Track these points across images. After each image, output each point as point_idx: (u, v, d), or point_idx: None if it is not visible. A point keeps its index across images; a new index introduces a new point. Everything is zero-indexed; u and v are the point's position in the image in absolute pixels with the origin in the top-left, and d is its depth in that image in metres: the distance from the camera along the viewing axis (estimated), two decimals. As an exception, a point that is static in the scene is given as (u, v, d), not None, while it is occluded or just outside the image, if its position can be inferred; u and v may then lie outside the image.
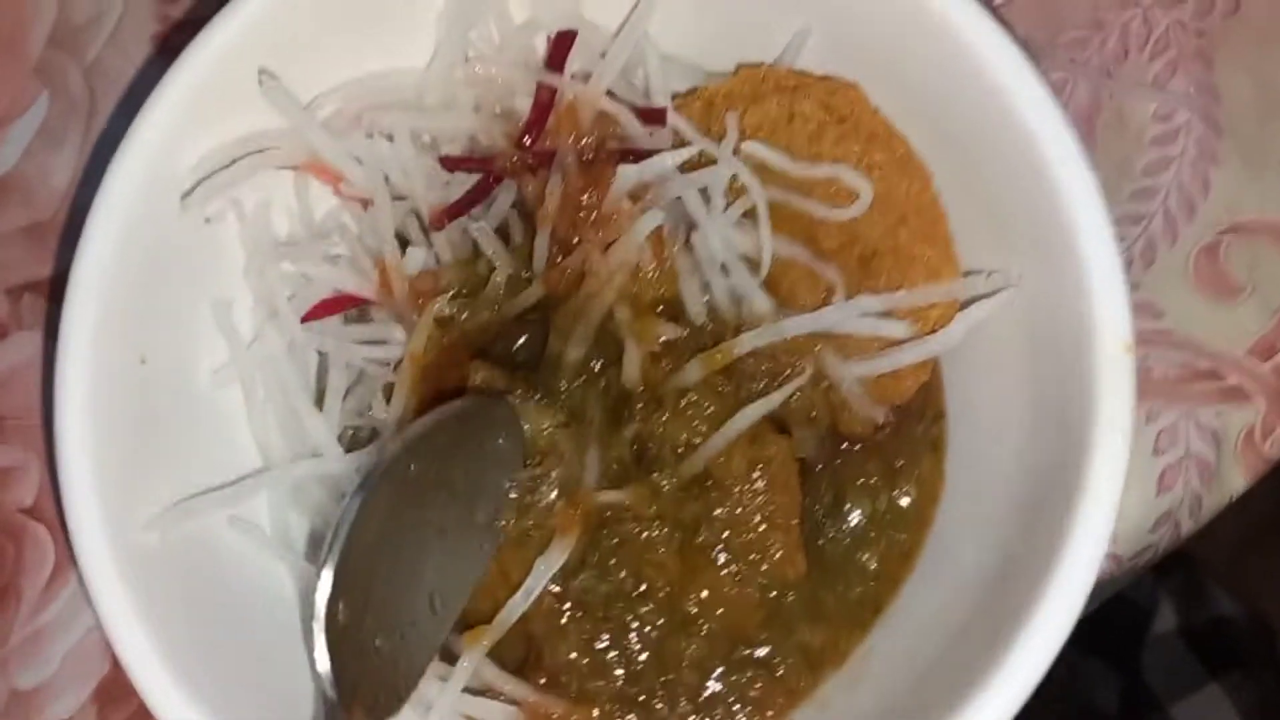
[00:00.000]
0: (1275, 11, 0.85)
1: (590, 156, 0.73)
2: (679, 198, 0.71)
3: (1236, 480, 0.81)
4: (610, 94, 0.74)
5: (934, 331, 0.72)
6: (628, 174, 0.70)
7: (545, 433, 0.69)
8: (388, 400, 0.74)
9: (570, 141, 0.73)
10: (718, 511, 0.69)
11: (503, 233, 0.75)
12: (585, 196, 0.70)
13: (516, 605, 0.68)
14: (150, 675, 0.66)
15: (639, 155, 0.72)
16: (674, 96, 0.77)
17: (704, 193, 0.72)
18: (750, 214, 0.72)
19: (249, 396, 0.76)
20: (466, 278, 0.75)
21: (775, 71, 0.75)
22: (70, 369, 0.68)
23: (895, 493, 0.74)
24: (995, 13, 0.67)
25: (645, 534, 0.69)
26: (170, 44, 0.91)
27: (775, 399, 0.70)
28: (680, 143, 0.74)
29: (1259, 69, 0.84)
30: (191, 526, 0.71)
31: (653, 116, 0.74)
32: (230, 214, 0.75)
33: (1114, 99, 0.85)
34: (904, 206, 0.74)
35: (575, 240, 0.72)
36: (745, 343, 0.69)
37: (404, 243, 0.77)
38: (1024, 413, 0.70)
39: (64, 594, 0.85)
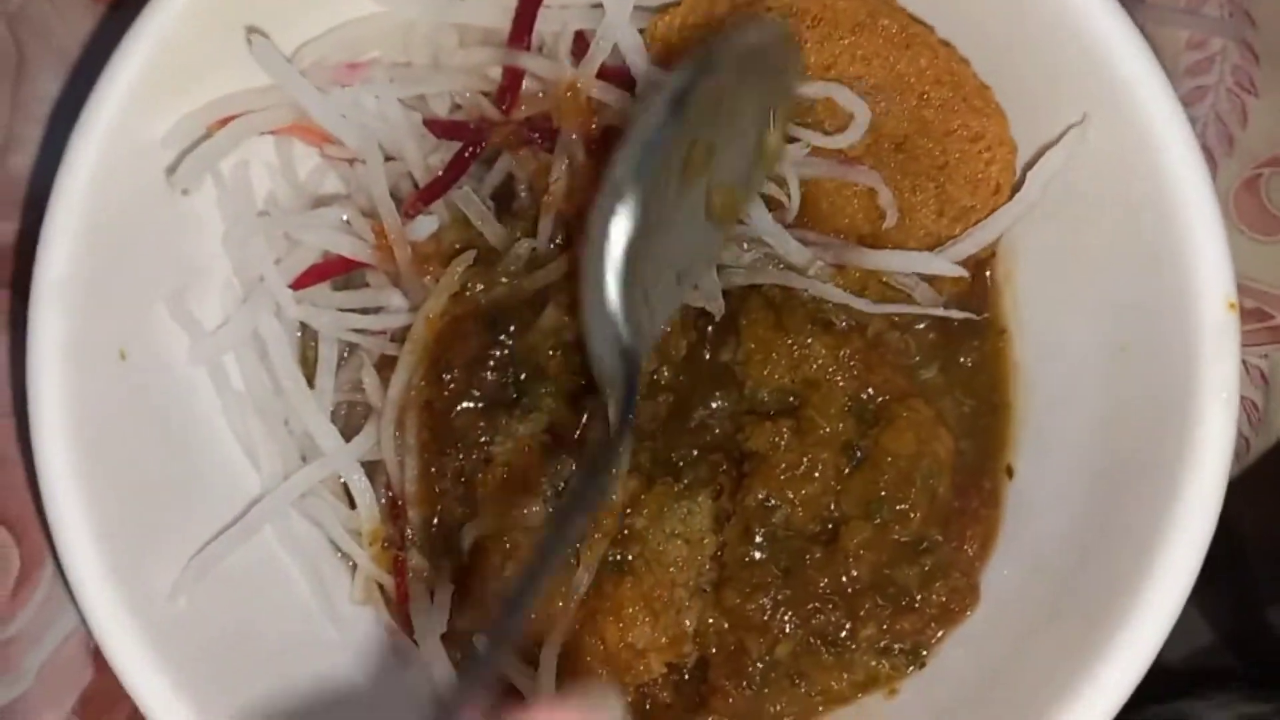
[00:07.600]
0: (1312, -77, 0.80)
1: (594, 145, 0.68)
2: None
3: (1285, 421, 0.78)
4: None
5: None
6: None
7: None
8: (378, 372, 0.67)
9: (577, 125, 0.67)
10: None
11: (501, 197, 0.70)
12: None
13: None
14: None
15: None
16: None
17: None
18: None
19: (221, 389, 0.68)
20: (470, 239, 0.69)
21: None
22: (48, 413, 0.61)
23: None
24: None
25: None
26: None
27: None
28: None
29: (1297, -12, 0.79)
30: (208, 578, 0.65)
31: (623, 79, 0.68)
32: (208, 181, 0.67)
33: (1144, 27, 0.80)
34: (918, 84, 0.67)
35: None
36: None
37: (397, 202, 0.69)
38: (1102, 354, 0.65)
39: (33, 601, 0.75)
